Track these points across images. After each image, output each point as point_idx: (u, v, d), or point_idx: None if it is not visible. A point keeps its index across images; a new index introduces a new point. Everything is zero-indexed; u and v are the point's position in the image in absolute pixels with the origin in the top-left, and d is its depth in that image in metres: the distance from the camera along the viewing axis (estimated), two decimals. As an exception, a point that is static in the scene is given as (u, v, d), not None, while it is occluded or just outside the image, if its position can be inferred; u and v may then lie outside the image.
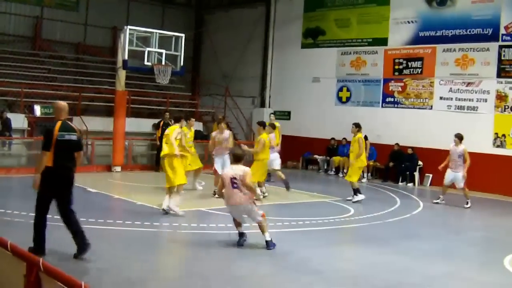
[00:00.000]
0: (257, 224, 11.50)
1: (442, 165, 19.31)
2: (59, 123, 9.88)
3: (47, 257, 5.29)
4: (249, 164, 14.71)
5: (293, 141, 27.12)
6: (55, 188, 9.73)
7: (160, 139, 22.69)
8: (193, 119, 19.66)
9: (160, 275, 9.56)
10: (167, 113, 24.28)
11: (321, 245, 12.40)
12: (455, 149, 19.02)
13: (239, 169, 11.42)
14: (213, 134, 18.50)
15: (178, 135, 14.85)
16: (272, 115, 24.63)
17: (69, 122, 10.23)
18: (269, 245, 11.34)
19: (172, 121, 17.96)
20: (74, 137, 9.88)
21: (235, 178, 11.26)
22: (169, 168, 14.51)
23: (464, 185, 18.88)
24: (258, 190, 15.01)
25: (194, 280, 9.36)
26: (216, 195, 14.74)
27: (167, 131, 15.02)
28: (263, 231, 11.49)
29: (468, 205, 18.70)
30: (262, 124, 18.46)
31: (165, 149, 14.65)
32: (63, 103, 10.34)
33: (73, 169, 9.91)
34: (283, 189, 19.32)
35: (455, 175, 18.98)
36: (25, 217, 12.80)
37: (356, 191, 18.44)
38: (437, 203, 19.11)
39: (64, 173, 9.75)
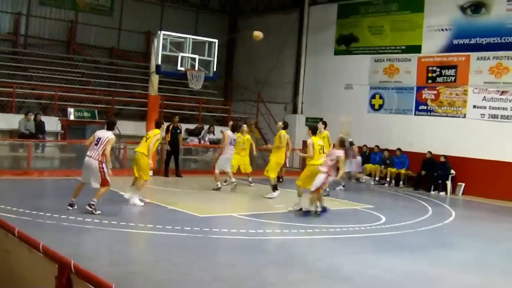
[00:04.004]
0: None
1: None
2: None
3: (79, 259, 5.30)
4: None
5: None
6: None
7: (170, 143, 22.78)
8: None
9: (191, 279, 9.54)
10: (176, 117, 24.20)
11: (352, 253, 12.33)
12: None
13: None
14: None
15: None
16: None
17: None
18: None
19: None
20: None
21: None
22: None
23: None
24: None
25: (224, 285, 9.35)
26: None
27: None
28: None
29: None
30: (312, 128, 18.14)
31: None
32: None
33: None
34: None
35: None
36: (57, 219, 12.92)
37: (274, 188, 18.79)
38: None
39: None
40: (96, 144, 14.07)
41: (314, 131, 17.12)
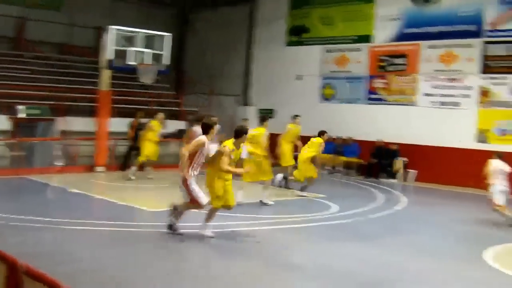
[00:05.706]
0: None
1: None
2: None
3: (31, 259, 5.28)
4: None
5: (276, 139, 27.08)
6: None
7: (134, 139, 22.58)
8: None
9: (145, 274, 9.50)
10: (141, 112, 24.12)
11: (304, 242, 12.44)
12: None
13: None
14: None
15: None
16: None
17: None
18: None
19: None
20: None
21: None
22: None
23: None
24: None
25: (181, 278, 9.36)
26: None
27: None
28: None
29: None
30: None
31: None
32: None
33: None
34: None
35: None
36: (5, 219, 12.68)
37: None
38: None
39: None
40: None
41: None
